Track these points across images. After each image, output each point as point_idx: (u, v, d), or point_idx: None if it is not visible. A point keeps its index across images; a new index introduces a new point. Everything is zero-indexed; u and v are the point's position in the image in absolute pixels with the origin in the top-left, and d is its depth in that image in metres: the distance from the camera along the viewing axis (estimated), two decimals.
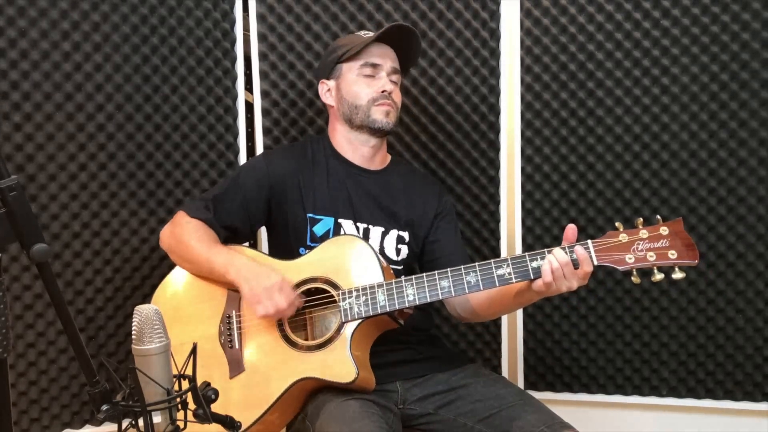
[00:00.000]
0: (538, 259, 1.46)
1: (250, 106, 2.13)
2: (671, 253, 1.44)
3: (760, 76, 1.92)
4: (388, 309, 1.53)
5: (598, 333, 2.10)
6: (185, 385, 1.12)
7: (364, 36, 1.76)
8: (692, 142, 1.98)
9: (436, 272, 1.52)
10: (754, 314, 2.00)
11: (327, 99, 1.80)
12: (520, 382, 2.14)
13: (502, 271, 1.48)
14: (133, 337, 1.08)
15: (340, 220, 1.72)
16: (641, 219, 1.46)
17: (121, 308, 1.98)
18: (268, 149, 2.07)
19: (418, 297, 1.52)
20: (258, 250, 2.03)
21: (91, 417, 1.97)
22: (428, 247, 1.79)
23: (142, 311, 1.09)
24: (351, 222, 1.72)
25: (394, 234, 1.75)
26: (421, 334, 1.76)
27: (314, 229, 1.71)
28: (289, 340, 1.57)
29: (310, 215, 1.71)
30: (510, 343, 2.14)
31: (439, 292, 1.51)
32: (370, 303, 1.53)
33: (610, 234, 1.46)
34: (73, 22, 1.85)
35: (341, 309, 1.55)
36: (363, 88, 1.73)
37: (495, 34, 2.05)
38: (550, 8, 2.01)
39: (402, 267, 1.75)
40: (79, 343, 1.08)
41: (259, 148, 2.09)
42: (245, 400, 1.56)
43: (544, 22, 2.02)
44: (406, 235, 1.76)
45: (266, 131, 2.09)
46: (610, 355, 2.10)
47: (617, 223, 1.47)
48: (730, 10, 1.91)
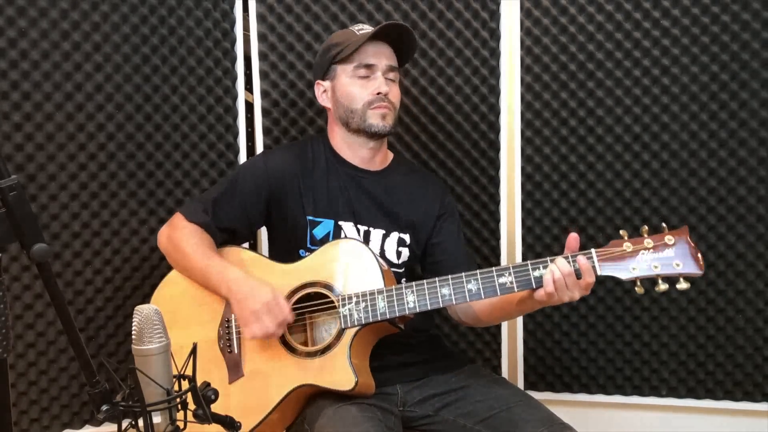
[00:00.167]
0: (541, 267, 1.43)
1: (250, 106, 2.13)
2: (676, 263, 1.39)
3: (760, 76, 1.92)
4: (388, 316, 1.51)
5: (598, 333, 2.10)
6: (185, 385, 1.11)
7: (358, 33, 1.69)
8: (692, 142, 1.98)
9: (436, 279, 1.50)
10: (754, 314, 2.00)
11: (323, 101, 1.75)
12: (520, 382, 2.14)
13: (503, 280, 1.46)
14: (133, 337, 1.08)
15: (340, 222, 1.69)
16: (646, 227, 1.41)
17: (121, 308, 1.98)
18: (267, 149, 2.06)
19: (418, 304, 1.50)
20: (258, 251, 2.03)
21: (91, 417, 1.97)
22: (430, 250, 1.76)
23: (142, 311, 1.09)
24: (351, 224, 1.69)
25: (395, 236, 1.72)
26: (421, 335, 1.74)
27: (314, 231, 1.68)
28: (288, 346, 1.56)
29: (309, 218, 1.69)
30: (510, 343, 2.14)
31: (440, 300, 1.49)
32: (370, 309, 1.52)
33: (614, 243, 1.42)
34: (73, 22, 1.85)
35: (341, 315, 1.53)
36: (358, 91, 1.67)
37: (495, 34, 2.05)
38: (550, 8, 2.01)
39: (403, 269, 1.73)
40: (79, 343, 1.08)
41: (259, 148, 2.09)
42: (244, 406, 1.55)
43: (544, 22, 2.02)
44: (407, 237, 1.73)
45: (266, 131, 2.09)
46: (610, 355, 2.10)
47: (621, 231, 1.44)
48: (730, 10, 1.91)
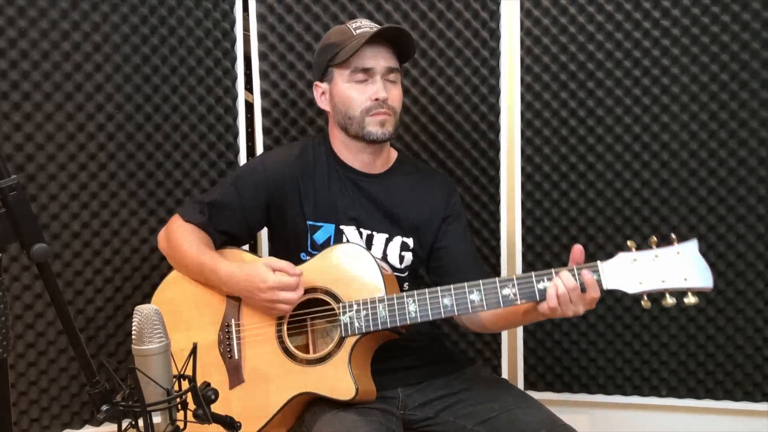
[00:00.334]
0: (545, 279, 1.41)
1: (250, 106, 2.13)
2: (684, 278, 1.35)
3: (760, 76, 1.92)
4: (389, 325, 1.50)
5: (598, 333, 2.10)
6: (185, 385, 1.12)
7: (356, 32, 1.61)
8: (692, 142, 1.98)
9: (438, 288, 1.49)
10: (754, 314, 2.00)
11: (322, 104, 1.70)
12: (520, 382, 2.14)
13: (507, 291, 1.44)
14: (133, 337, 1.08)
15: (341, 226, 1.65)
16: (654, 238, 1.38)
17: (121, 308, 1.98)
18: (267, 150, 2.06)
19: (419, 314, 1.48)
20: (258, 252, 2.02)
21: (91, 417, 1.97)
22: (435, 254, 1.72)
23: (142, 311, 1.09)
24: (353, 228, 1.66)
25: (398, 241, 1.68)
26: (423, 338, 1.72)
27: (315, 236, 1.65)
28: (288, 352, 1.56)
29: (310, 222, 1.66)
30: (510, 343, 2.13)
31: (442, 310, 1.47)
32: (371, 318, 1.50)
33: (622, 256, 1.39)
34: (73, 22, 1.85)
35: (341, 323, 1.52)
36: (355, 96, 1.61)
37: (495, 34, 2.05)
38: (550, 8, 2.01)
39: (406, 273, 1.71)
40: (79, 344, 1.08)
41: (259, 148, 2.09)
42: (244, 412, 1.54)
43: (544, 22, 2.02)
44: (410, 241, 1.69)
45: (266, 131, 2.09)
46: (610, 355, 2.10)
47: (629, 242, 1.40)
48: (730, 10, 1.91)
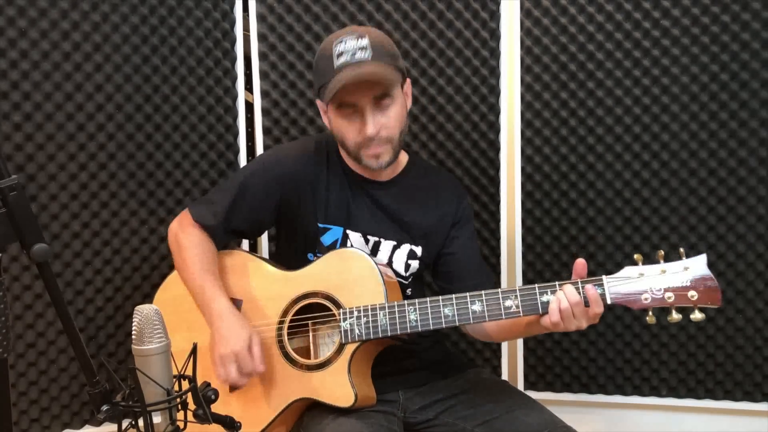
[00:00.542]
0: (548, 292, 1.39)
1: (250, 106, 2.13)
2: (691, 294, 1.34)
3: (760, 76, 1.92)
4: (389, 333, 1.49)
5: (598, 333, 2.10)
6: (185, 385, 1.12)
7: (337, 61, 1.48)
8: (692, 142, 1.98)
9: (440, 298, 1.48)
10: (754, 314, 2.00)
11: (325, 121, 1.63)
12: (520, 382, 2.14)
13: (509, 303, 1.42)
14: (133, 337, 1.08)
15: (348, 231, 1.64)
16: (662, 252, 1.37)
17: (121, 308, 1.98)
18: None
19: (420, 323, 1.47)
20: (258, 251, 2.02)
21: (91, 417, 1.97)
22: (443, 258, 1.70)
23: (142, 311, 1.09)
24: (360, 235, 1.64)
25: (406, 248, 1.66)
26: (424, 340, 1.70)
27: (322, 238, 1.64)
28: (288, 357, 1.56)
29: (321, 225, 1.64)
30: (510, 343, 2.13)
31: (443, 320, 1.46)
32: (371, 325, 1.49)
33: (627, 270, 1.38)
34: (73, 22, 1.85)
35: (341, 329, 1.51)
36: (346, 131, 1.55)
37: (495, 34, 2.05)
38: (550, 8, 2.01)
39: (410, 280, 1.69)
40: (79, 343, 1.08)
41: (259, 148, 2.09)
42: (244, 416, 1.52)
43: (544, 22, 2.02)
44: (418, 250, 1.67)
45: (266, 131, 2.09)
46: (610, 355, 2.10)
47: (636, 255, 1.38)
48: (730, 10, 1.91)
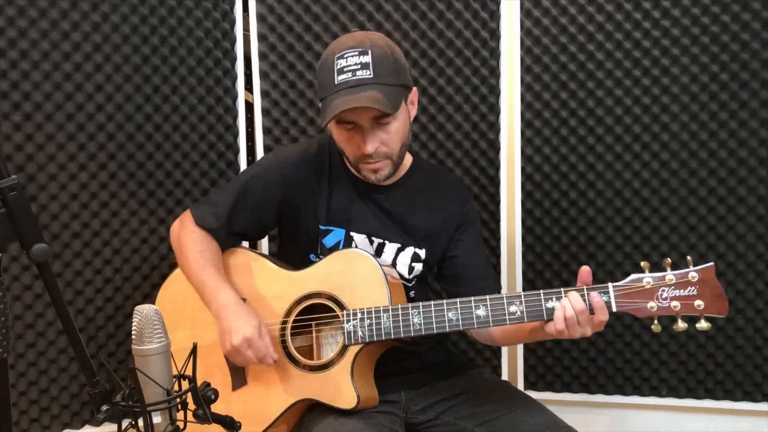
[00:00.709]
0: (553, 299, 1.39)
1: (250, 106, 2.13)
2: (698, 303, 1.33)
3: (760, 76, 1.92)
4: (393, 336, 1.49)
5: (598, 333, 2.08)
6: (185, 385, 1.11)
7: (337, 78, 1.47)
8: (692, 142, 1.98)
9: (444, 302, 1.47)
10: (754, 314, 2.00)
11: (329, 130, 1.62)
12: (520, 382, 2.14)
13: (514, 309, 1.42)
14: (133, 337, 1.08)
15: (351, 233, 1.63)
16: (669, 260, 1.36)
17: (121, 308, 1.98)
18: (267, 150, 2.04)
19: (424, 327, 1.47)
20: (258, 249, 2.02)
21: (91, 417, 1.97)
22: (447, 262, 1.70)
23: (142, 311, 1.09)
24: (364, 236, 1.63)
25: (411, 251, 1.66)
26: (426, 341, 1.69)
27: (324, 240, 1.63)
28: (291, 358, 1.56)
29: (322, 227, 1.63)
30: None
31: (446, 324, 1.46)
32: (375, 328, 1.49)
33: (634, 278, 1.37)
34: (73, 22, 1.85)
35: (345, 331, 1.51)
36: (346, 145, 1.56)
37: (495, 34, 2.05)
38: (550, 8, 2.01)
39: (413, 282, 1.69)
40: (79, 343, 1.08)
41: (259, 148, 2.09)
42: (246, 416, 1.52)
43: (544, 22, 2.02)
44: (422, 252, 1.66)
45: (266, 131, 2.09)
46: (610, 355, 2.10)
47: (643, 263, 1.37)
48: (730, 10, 1.91)
